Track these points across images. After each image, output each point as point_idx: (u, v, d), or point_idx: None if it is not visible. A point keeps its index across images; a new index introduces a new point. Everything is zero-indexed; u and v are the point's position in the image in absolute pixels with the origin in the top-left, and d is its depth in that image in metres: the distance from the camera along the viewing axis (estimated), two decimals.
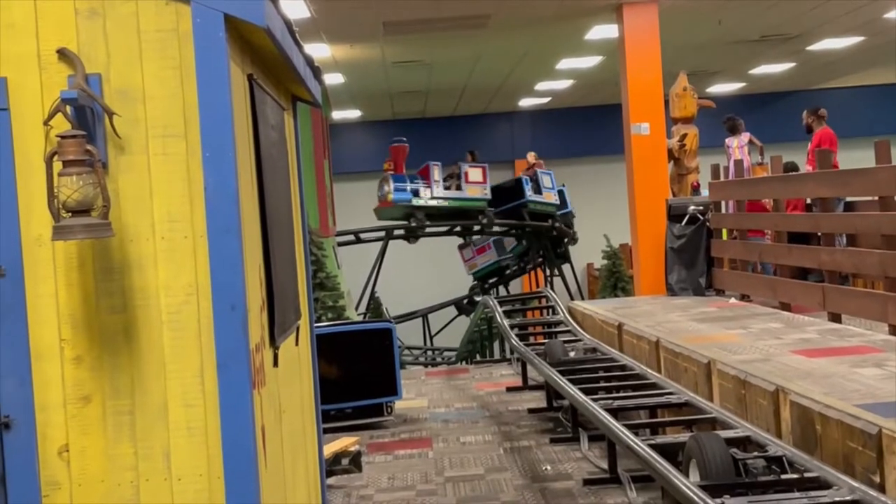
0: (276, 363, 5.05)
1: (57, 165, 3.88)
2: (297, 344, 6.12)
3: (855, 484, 5.15)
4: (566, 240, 24.60)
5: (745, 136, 14.68)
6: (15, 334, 4.05)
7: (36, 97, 4.04)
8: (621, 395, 8.47)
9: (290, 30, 5.16)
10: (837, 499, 5.07)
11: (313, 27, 15.99)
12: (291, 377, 5.86)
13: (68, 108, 3.93)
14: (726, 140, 14.87)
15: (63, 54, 4.02)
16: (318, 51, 18.02)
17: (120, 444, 4.08)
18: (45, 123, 4.00)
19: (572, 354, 10.75)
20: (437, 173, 22.58)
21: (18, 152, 4.04)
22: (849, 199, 11.32)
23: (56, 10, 4.04)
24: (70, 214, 3.85)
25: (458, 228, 23.82)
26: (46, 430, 4.08)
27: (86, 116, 3.98)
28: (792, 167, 13.32)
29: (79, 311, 4.07)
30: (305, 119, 16.75)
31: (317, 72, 6.68)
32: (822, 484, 5.32)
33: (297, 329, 6.05)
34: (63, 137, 3.86)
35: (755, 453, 5.88)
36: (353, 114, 29.42)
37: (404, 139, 22.88)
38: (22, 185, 4.04)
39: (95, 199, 3.87)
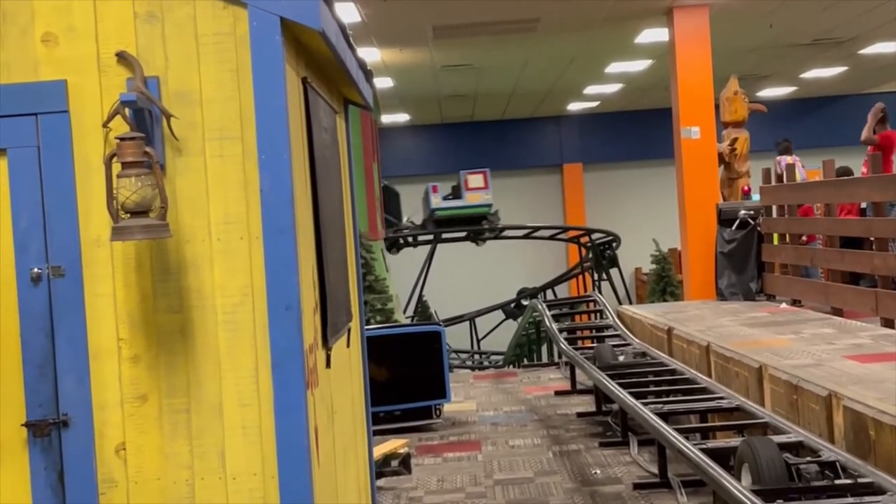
0: (328, 364, 5.08)
1: (116, 167, 3.93)
2: (348, 346, 6.15)
3: None
4: (615, 244, 24.58)
5: (796, 159, 14.69)
6: (73, 333, 4.11)
7: (95, 100, 4.09)
8: (671, 399, 8.44)
9: (343, 33, 5.19)
10: None
11: (364, 31, 16.06)
12: (343, 378, 5.89)
13: (127, 111, 3.98)
14: (777, 157, 14.88)
15: (122, 57, 4.07)
16: (369, 54, 18.09)
17: (176, 442, 4.12)
18: (105, 126, 4.05)
19: (621, 358, 10.73)
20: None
21: (78, 154, 4.10)
22: None
23: (115, 14, 4.09)
24: (128, 215, 3.90)
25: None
26: (104, 428, 4.12)
27: (144, 119, 4.02)
28: (845, 171, 13.22)
29: (136, 311, 4.12)
30: (356, 122, 16.82)
31: (369, 75, 6.71)
32: (875, 489, 5.28)
33: (349, 331, 6.08)
34: (122, 139, 3.91)
35: (808, 458, 5.86)
36: (402, 117, 29.49)
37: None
38: (81, 186, 4.09)
39: (153, 201, 3.92)
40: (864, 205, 11.89)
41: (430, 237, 24.45)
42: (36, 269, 4.10)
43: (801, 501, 5.27)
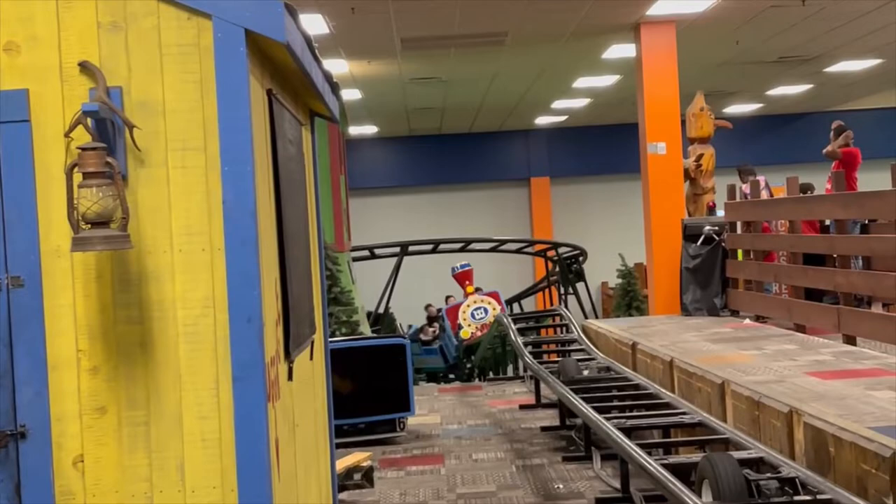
0: (290, 377, 5.06)
1: (77, 177, 3.91)
2: (311, 358, 6.14)
3: None
4: (581, 258, 24.65)
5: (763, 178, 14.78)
6: (32, 344, 4.08)
7: (57, 109, 4.07)
8: (634, 414, 8.47)
9: (309, 45, 5.18)
10: None
11: (332, 43, 16.06)
12: (305, 391, 5.87)
13: (89, 121, 3.96)
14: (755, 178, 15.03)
15: (85, 67, 4.05)
16: (336, 66, 18.09)
17: (134, 455, 4.10)
18: (66, 135, 4.03)
19: (586, 373, 10.76)
20: None
21: (39, 164, 4.07)
22: (865, 221, 11.31)
23: (79, 23, 4.07)
24: (89, 226, 3.87)
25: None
26: (62, 440, 4.09)
27: (106, 129, 4.01)
28: (806, 188, 13.33)
29: (96, 322, 4.09)
30: (322, 134, 16.79)
31: (335, 87, 6.71)
32: None
33: (312, 343, 6.07)
34: (84, 149, 3.89)
35: (768, 474, 5.88)
36: (370, 129, 29.49)
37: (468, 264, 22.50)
38: (42, 196, 4.07)
39: (114, 211, 3.90)
40: (827, 222, 11.98)
41: (397, 250, 24.47)
42: None
43: None
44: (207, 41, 4.06)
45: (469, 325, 20.40)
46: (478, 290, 21.71)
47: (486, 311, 20.42)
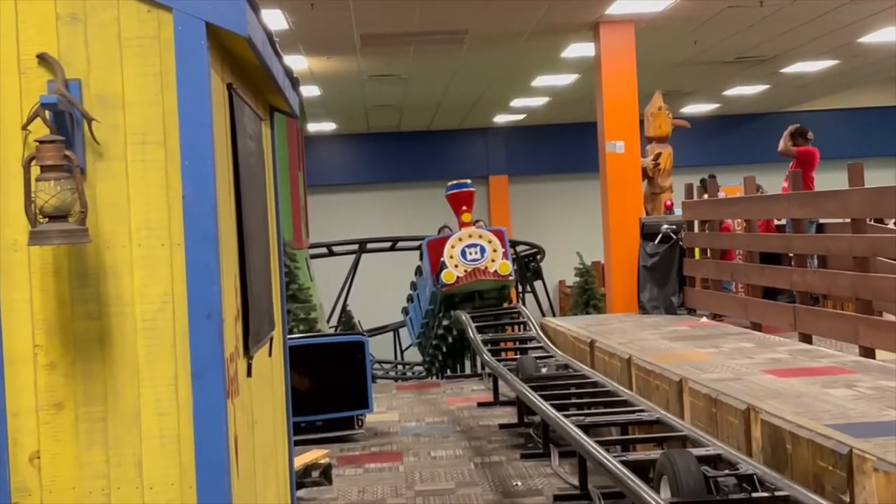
0: (249, 373, 5.04)
1: (35, 170, 3.87)
2: (270, 355, 6.11)
3: (824, 503, 5.18)
4: (539, 256, 24.71)
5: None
6: None
7: (15, 101, 4.02)
8: (593, 411, 8.49)
9: (270, 40, 5.16)
10: None
11: (291, 38, 16.00)
12: (264, 388, 5.84)
13: (47, 114, 3.92)
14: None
15: (43, 59, 4.01)
16: (296, 63, 18.01)
17: (92, 451, 4.06)
18: (24, 128, 3.98)
19: (544, 370, 10.76)
20: None
21: None
22: (821, 220, 11.40)
23: (37, 15, 4.03)
24: (47, 220, 3.84)
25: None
26: (17, 436, 4.05)
27: (65, 122, 3.97)
28: (760, 188, 13.45)
29: (53, 318, 4.05)
30: (281, 130, 16.74)
31: (295, 83, 6.69)
32: (792, 503, 5.35)
33: (271, 340, 6.05)
34: (41, 142, 3.85)
35: (726, 471, 5.91)
36: (329, 126, 29.43)
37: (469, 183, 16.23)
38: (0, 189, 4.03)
39: (73, 205, 3.86)
40: (783, 221, 12.06)
41: (355, 247, 24.45)
42: None
43: None
44: (168, 34, 4.03)
45: (456, 267, 14.44)
46: (476, 222, 16.36)
47: (482, 250, 14.56)
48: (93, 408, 4.07)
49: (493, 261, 14.37)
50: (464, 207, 15.11)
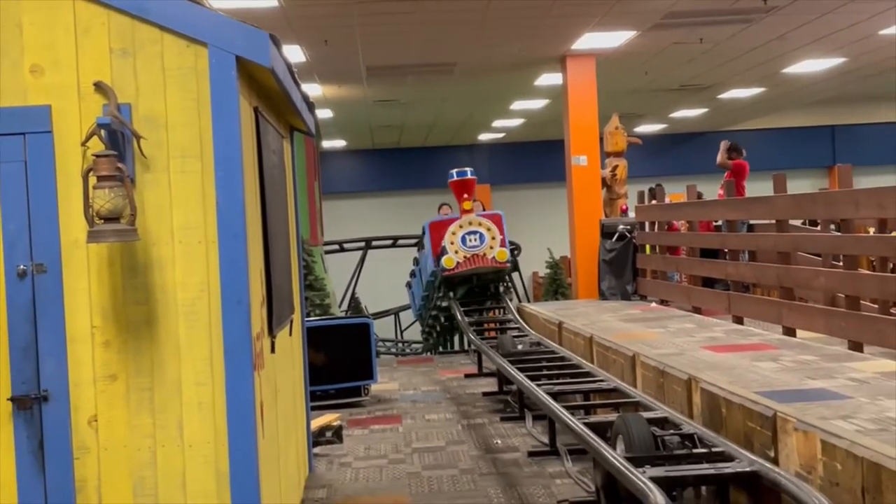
0: (273, 350, 5.04)
1: (92, 180, 3.88)
2: (290, 335, 6.11)
3: (753, 457, 5.19)
4: (517, 252, 24.65)
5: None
6: (54, 321, 4.04)
7: (75, 122, 4.03)
8: (560, 381, 8.47)
9: (290, 70, 5.15)
10: (739, 469, 5.10)
11: (308, 69, 15.96)
12: (285, 362, 5.84)
13: (102, 132, 3.92)
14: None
15: (99, 86, 4.01)
16: (311, 89, 17.96)
17: (140, 415, 4.07)
18: (83, 144, 3.99)
19: (520, 347, 10.74)
20: None
21: (60, 168, 4.03)
22: (751, 221, 11.41)
23: (94, 49, 4.03)
24: (102, 221, 3.84)
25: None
26: (78, 402, 4.06)
27: (117, 139, 3.97)
28: (701, 195, 13.45)
29: (108, 303, 4.06)
30: (300, 146, 16.67)
31: (311, 106, 6.68)
32: (726, 457, 5.35)
33: (291, 322, 6.04)
34: (98, 156, 3.85)
35: (671, 431, 5.90)
36: (340, 143, 29.35)
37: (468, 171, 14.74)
38: (62, 195, 4.03)
39: (124, 209, 3.86)
40: (720, 222, 12.07)
41: (362, 244, 24.45)
42: (22, 266, 4.02)
43: (665, 466, 5.31)
44: (203, 65, 4.03)
45: (456, 253, 13.15)
46: (474, 201, 14.86)
47: (481, 237, 13.28)
48: (141, 379, 4.07)
49: (491, 248, 13.17)
50: (465, 195, 13.91)
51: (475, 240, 13.21)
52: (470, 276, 13.65)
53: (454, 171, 14.30)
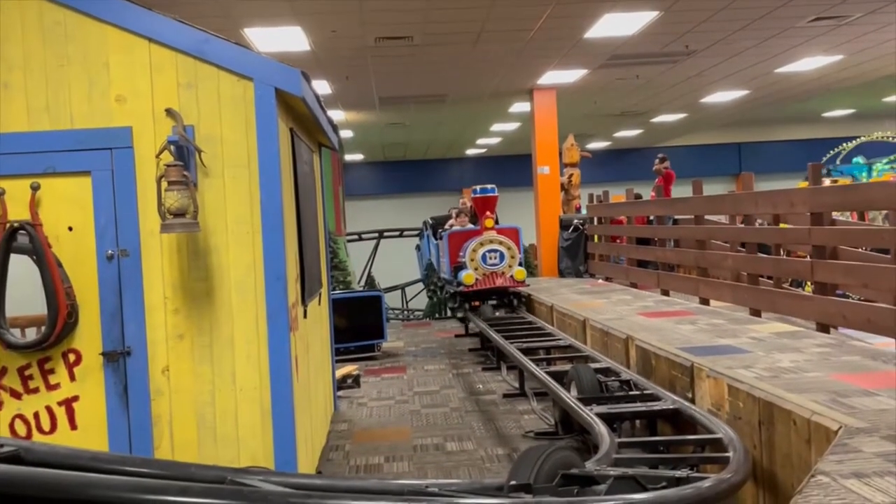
0: (305, 316, 5.04)
1: (164, 184, 3.87)
2: (319, 304, 6.11)
3: (675, 398, 5.21)
4: None
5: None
6: (135, 294, 4.03)
7: (150, 139, 4.02)
8: (529, 340, 8.47)
9: (317, 99, 5.14)
10: (664, 407, 5.12)
11: (333, 99, 15.92)
12: (315, 325, 5.84)
13: (172, 147, 3.92)
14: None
15: (169, 112, 4.00)
16: (336, 114, 17.90)
17: (202, 366, 4.07)
18: (157, 157, 3.98)
19: (497, 314, 10.73)
20: None
21: (139, 175, 4.02)
22: (676, 217, 11.41)
23: (165, 83, 4.02)
24: (172, 216, 3.84)
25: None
26: (154, 356, 4.06)
27: (183, 152, 3.96)
28: (637, 196, 13.45)
29: (177, 280, 4.05)
30: (327, 159, 16.62)
31: (335, 128, 6.65)
32: (655, 397, 5.37)
33: (320, 295, 6.04)
34: (168, 166, 3.85)
35: (613, 378, 5.92)
36: (358, 156, 29.29)
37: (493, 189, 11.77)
38: (141, 196, 4.02)
39: (189, 207, 3.86)
40: (652, 217, 12.07)
41: (376, 235, 24.41)
42: (110, 251, 4.01)
43: (608, 405, 5.33)
44: (250, 95, 4.02)
45: (476, 270, 10.64)
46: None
47: (501, 256, 10.75)
48: (203, 338, 4.07)
49: (510, 266, 10.73)
50: (487, 213, 11.27)
51: (495, 258, 10.81)
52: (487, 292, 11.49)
53: (477, 186, 11.62)
